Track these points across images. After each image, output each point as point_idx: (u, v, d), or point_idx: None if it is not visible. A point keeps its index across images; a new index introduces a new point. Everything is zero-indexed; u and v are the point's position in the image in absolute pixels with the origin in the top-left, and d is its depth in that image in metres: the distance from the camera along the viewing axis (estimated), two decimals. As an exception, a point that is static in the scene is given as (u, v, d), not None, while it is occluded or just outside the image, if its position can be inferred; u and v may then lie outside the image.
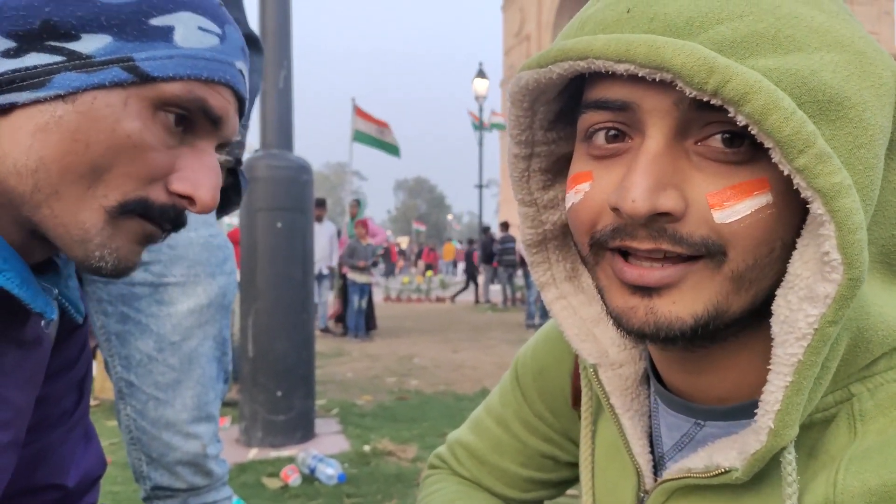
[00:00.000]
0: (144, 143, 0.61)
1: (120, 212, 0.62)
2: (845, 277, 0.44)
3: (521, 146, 0.61)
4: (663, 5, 0.47)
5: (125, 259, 0.65)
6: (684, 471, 0.56)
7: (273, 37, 3.50)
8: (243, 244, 3.52)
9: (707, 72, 0.43)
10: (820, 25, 0.47)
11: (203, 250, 1.39)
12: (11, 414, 0.68)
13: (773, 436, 0.48)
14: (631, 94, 0.49)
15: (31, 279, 0.63)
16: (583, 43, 0.48)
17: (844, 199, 0.43)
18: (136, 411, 1.37)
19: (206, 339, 1.39)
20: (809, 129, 0.43)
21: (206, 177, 0.65)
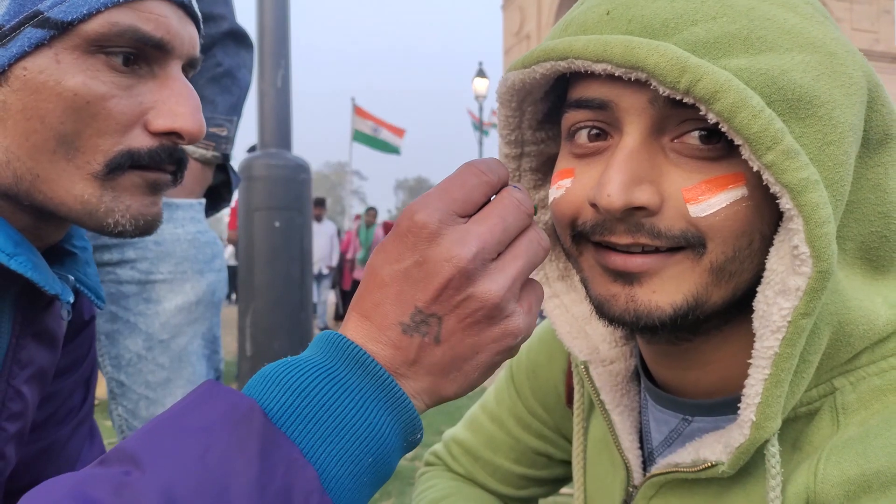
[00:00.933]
0: (95, 94, 0.57)
1: (108, 172, 0.59)
2: (814, 270, 0.45)
3: (511, 146, 0.62)
4: (641, 7, 0.49)
5: (141, 214, 0.62)
6: (672, 465, 0.57)
7: (271, 35, 3.50)
8: (240, 243, 3.52)
9: (679, 71, 0.45)
10: (793, 27, 0.48)
11: (190, 247, 1.37)
12: (22, 406, 0.69)
13: (755, 429, 0.49)
14: (609, 92, 0.50)
15: (44, 264, 0.62)
16: (564, 44, 0.50)
17: (811, 193, 0.44)
18: (127, 411, 1.37)
19: (195, 337, 1.39)
20: (777, 127, 0.44)
21: (180, 104, 0.61)
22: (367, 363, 0.44)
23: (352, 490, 0.42)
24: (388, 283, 0.45)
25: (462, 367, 0.46)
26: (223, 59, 1.45)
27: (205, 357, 1.42)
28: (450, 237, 0.44)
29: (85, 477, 0.38)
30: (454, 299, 0.44)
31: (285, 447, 0.40)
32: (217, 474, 0.38)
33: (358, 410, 0.43)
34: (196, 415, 0.40)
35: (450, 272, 0.43)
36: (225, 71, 1.45)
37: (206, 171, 1.42)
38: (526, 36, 24.33)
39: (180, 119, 0.61)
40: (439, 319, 0.44)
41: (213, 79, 1.43)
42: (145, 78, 0.61)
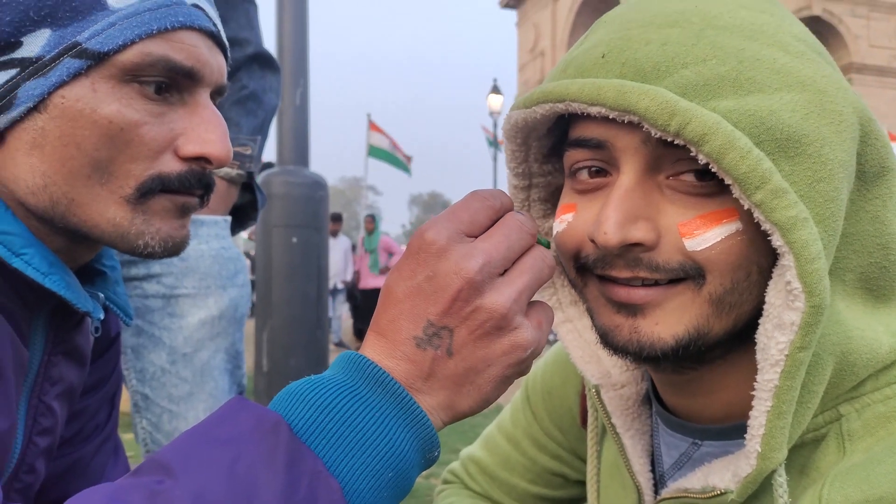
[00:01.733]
0: (129, 121, 0.60)
1: (140, 196, 0.62)
2: (807, 305, 0.47)
3: (518, 178, 0.65)
4: (634, 51, 0.51)
5: (170, 237, 0.65)
6: (681, 490, 0.59)
7: (290, 54, 3.55)
8: (258, 260, 3.56)
9: (669, 114, 0.47)
10: (782, 66, 0.50)
11: (214, 263, 1.40)
12: (52, 422, 0.71)
13: (761, 459, 0.51)
14: (605, 133, 0.52)
15: (76, 283, 0.65)
16: (561, 87, 0.52)
17: (801, 231, 0.46)
18: (151, 424, 1.39)
19: (217, 352, 1.41)
20: (765, 167, 0.46)
21: (209, 131, 0.64)
22: (386, 381, 0.46)
23: (372, 502, 0.44)
24: (402, 299, 0.47)
25: (475, 381, 0.48)
26: (248, 83, 1.48)
27: (227, 371, 1.44)
28: (457, 252, 0.47)
29: (121, 486, 0.41)
30: (464, 311, 0.46)
31: (310, 460, 0.42)
32: (245, 484, 0.40)
33: (378, 427, 0.45)
34: (225, 427, 0.43)
35: (459, 284, 0.46)
36: (249, 94, 1.48)
37: (231, 189, 1.45)
38: (540, 53, 24.39)
39: (209, 145, 0.63)
40: (451, 332, 0.47)
41: (237, 101, 1.47)
42: (176, 105, 0.63)
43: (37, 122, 0.59)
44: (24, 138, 0.59)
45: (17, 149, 0.60)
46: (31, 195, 0.60)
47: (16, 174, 0.60)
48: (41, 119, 0.59)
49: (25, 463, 0.69)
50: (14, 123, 0.59)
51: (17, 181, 0.60)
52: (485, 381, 0.48)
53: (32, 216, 0.62)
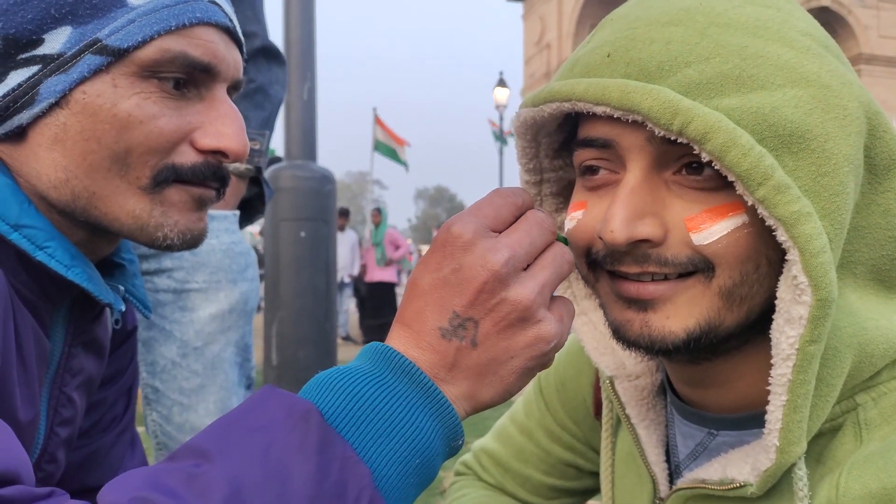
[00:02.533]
0: (148, 114, 0.61)
1: (154, 185, 0.63)
2: (814, 299, 0.47)
3: (530, 173, 0.66)
4: (638, 51, 0.52)
5: (188, 229, 0.66)
6: (698, 481, 0.59)
7: (297, 49, 3.55)
8: (267, 254, 3.57)
9: (672, 114, 0.48)
10: (786, 63, 0.50)
11: (225, 257, 1.41)
12: (72, 413, 0.73)
13: (780, 453, 0.51)
14: (610, 132, 0.53)
15: (97, 275, 0.66)
16: (567, 86, 0.53)
17: (804, 225, 0.47)
18: (161, 416, 1.41)
19: (228, 345, 1.42)
20: (767, 163, 0.47)
21: (225, 125, 0.65)
22: (412, 370, 0.47)
23: (399, 489, 0.45)
24: (428, 291, 0.49)
25: (498, 372, 0.49)
26: (255, 76, 1.49)
27: (237, 364, 1.45)
28: (483, 245, 0.48)
29: (159, 469, 0.42)
30: (489, 303, 0.47)
31: (340, 446, 0.43)
32: (279, 468, 0.41)
33: (405, 415, 0.46)
34: (258, 415, 0.44)
35: (484, 276, 0.47)
36: (257, 87, 1.49)
37: (240, 183, 1.47)
38: (546, 45, 24.31)
39: (226, 139, 0.64)
40: (476, 323, 0.48)
41: (245, 95, 1.47)
42: (193, 100, 0.64)
43: (58, 118, 0.60)
44: (46, 134, 0.61)
45: (40, 144, 0.61)
46: (52, 189, 0.62)
47: (38, 169, 0.61)
48: (63, 115, 0.60)
49: (47, 453, 0.70)
50: (36, 119, 0.60)
51: (39, 176, 0.62)
52: (508, 373, 0.49)
53: (54, 210, 0.64)
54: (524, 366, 0.49)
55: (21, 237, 0.60)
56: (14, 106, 0.60)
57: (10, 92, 0.59)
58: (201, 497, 0.39)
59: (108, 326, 0.77)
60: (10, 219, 0.60)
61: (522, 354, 0.49)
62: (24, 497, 0.43)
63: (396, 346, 0.49)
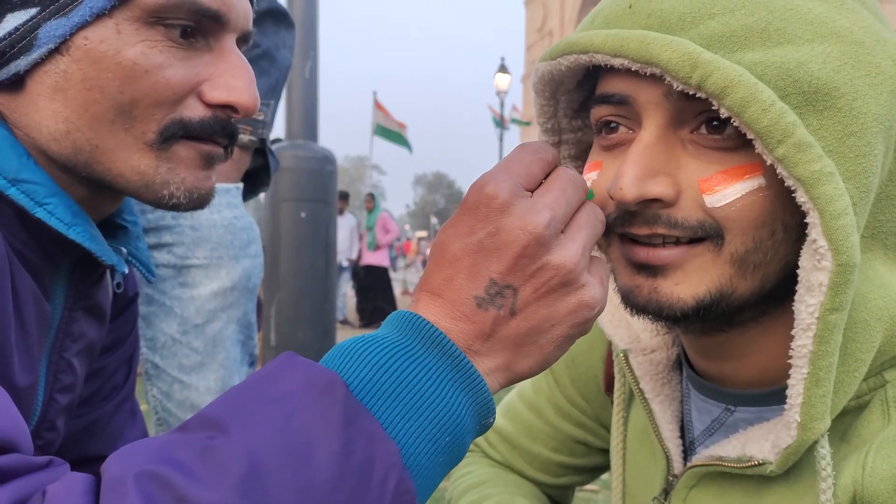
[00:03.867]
0: (154, 63, 0.58)
1: (162, 140, 0.60)
2: (834, 263, 0.45)
3: (548, 133, 0.64)
4: (660, 1, 0.50)
5: (195, 188, 0.63)
6: (715, 458, 0.57)
7: (299, 27, 3.49)
8: (266, 234, 3.55)
9: (691, 66, 0.46)
10: (816, 17, 0.48)
11: (227, 232, 1.38)
12: (72, 379, 0.70)
13: (802, 430, 0.49)
14: (627, 87, 0.51)
15: (99, 235, 0.64)
16: (585, 38, 0.51)
17: (825, 185, 0.45)
18: (162, 393, 1.39)
19: (229, 323, 1.40)
20: (788, 120, 0.45)
21: (235, 77, 0.62)
22: (443, 342, 0.44)
23: (428, 469, 0.43)
24: (460, 257, 0.45)
25: (537, 341, 0.46)
26: (261, 41, 1.43)
27: (239, 342, 1.44)
28: (521, 206, 0.45)
29: (169, 440, 0.39)
30: (529, 268, 0.44)
31: (366, 420, 0.40)
32: (300, 441, 0.39)
33: (436, 389, 0.43)
34: (277, 383, 0.41)
35: (525, 240, 0.44)
36: (263, 52, 1.44)
37: (243, 155, 1.43)
38: (548, 32, 24.22)
39: (236, 92, 0.61)
40: (514, 290, 0.44)
41: (250, 60, 1.43)
42: (201, 51, 0.61)
43: (59, 65, 0.57)
44: (45, 82, 0.57)
45: (39, 93, 0.58)
46: (53, 142, 0.59)
47: (38, 120, 0.58)
48: (63, 62, 0.57)
49: (47, 420, 0.68)
50: (35, 66, 0.57)
51: (38, 128, 0.58)
52: (547, 342, 0.46)
53: (55, 165, 0.60)
54: (566, 334, 0.46)
55: (20, 193, 0.57)
56: (11, 51, 0.56)
57: (7, 36, 0.56)
58: (216, 473, 0.37)
59: (109, 290, 0.75)
60: (9, 173, 0.57)
61: (565, 322, 0.46)
62: (21, 466, 0.40)
63: (426, 315, 0.45)
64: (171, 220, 1.35)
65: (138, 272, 0.76)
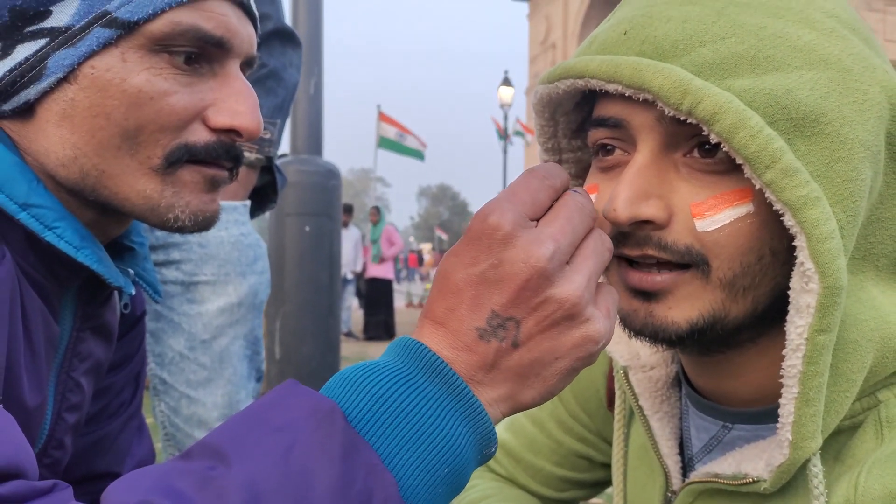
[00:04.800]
0: (158, 90, 0.59)
1: (167, 166, 0.61)
2: (821, 286, 0.46)
3: (549, 153, 0.65)
4: (654, 28, 0.51)
5: (200, 211, 0.64)
6: (711, 475, 0.58)
7: (304, 44, 3.51)
8: (271, 248, 3.57)
9: (682, 93, 0.47)
10: (805, 44, 0.49)
11: (234, 249, 1.40)
12: (80, 398, 0.72)
13: (793, 448, 0.50)
14: (622, 111, 0.53)
15: (107, 257, 0.65)
16: (581, 63, 0.52)
17: (812, 210, 0.45)
18: (169, 408, 1.40)
19: (236, 339, 1.41)
20: (776, 146, 0.46)
21: (239, 102, 0.63)
22: (445, 371, 0.44)
23: (426, 499, 0.42)
24: (463, 287, 0.44)
25: (541, 373, 0.45)
26: (268, 60, 1.46)
27: (246, 358, 1.45)
28: (525, 238, 0.44)
29: (170, 469, 0.39)
30: (532, 301, 0.44)
31: (365, 451, 0.40)
32: (300, 473, 0.39)
33: (435, 420, 0.42)
34: (279, 412, 0.41)
35: (528, 273, 0.43)
36: (270, 72, 1.47)
37: (250, 173, 1.45)
38: (552, 45, 24.28)
39: (239, 117, 0.62)
40: (517, 323, 0.44)
41: (257, 80, 1.45)
42: (206, 76, 0.62)
43: (66, 93, 0.59)
44: (54, 109, 0.59)
45: (48, 120, 0.60)
46: (61, 167, 0.60)
47: (46, 146, 0.60)
48: (71, 90, 0.59)
49: (55, 438, 0.69)
50: (44, 94, 0.59)
51: (47, 154, 0.60)
52: (551, 374, 0.46)
53: (63, 189, 0.62)
54: (569, 367, 0.46)
55: (30, 217, 0.58)
56: (21, 81, 0.58)
57: (18, 66, 0.58)
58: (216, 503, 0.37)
59: (116, 311, 0.77)
60: (19, 198, 0.58)
61: (569, 355, 0.45)
62: (25, 492, 0.41)
63: (429, 343, 0.45)
64: (179, 237, 1.37)
65: (145, 293, 0.77)
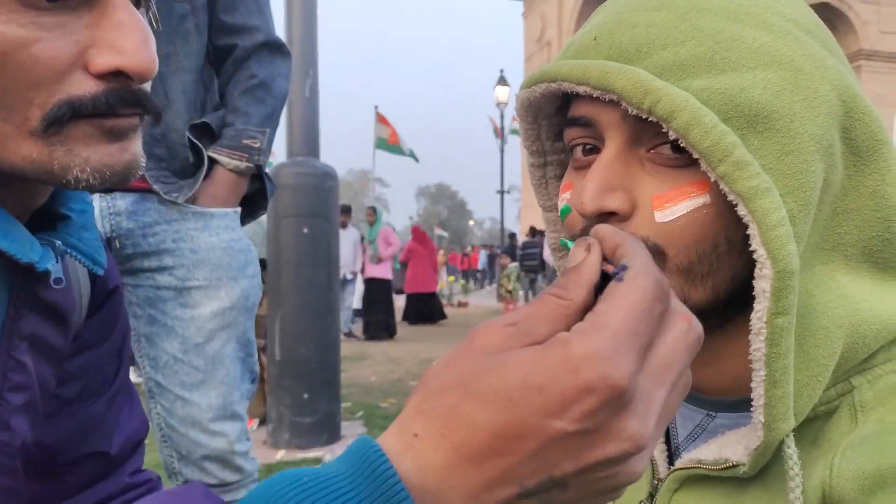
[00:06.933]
0: (14, 41, 0.48)
1: (49, 127, 0.51)
2: (773, 271, 0.48)
3: (534, 156, 0.68)
4: (621, 34, 0.55)
5: (105, 166, 0.54)
6: (695, 461, 0.60)
7: (299, 46, 3.56)
8: (269, 250, 3.59)
9: (642, 93, 0.50)
10: (760, 46, 0.52)
11: (225, 254, 1.43)
12: (25, 378, 0.66)
13: (766, 430, 0.52)
14: (591, 111, 0.56)
15: (18, 230, 0.57)
16: (555, 67, 0.55)
17: (761, 200, 0.48)
18: (165, 410, 1.43)
19: (229, 341, 1.44)
20: (728, 141, 0.48)
21: (122, 38, 0.51)
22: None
23: None
24: (531, 436, 0.34)
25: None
26: (257, 71, 1.50)
27: (240, 359, 1.47)
28: (636, 407, 0.35)
29: None
30: (597, 475, 0.35)
31: None
32: None
33: None
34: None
35: (618, 452, 0.35)
36: (259, 83, 1.50)
37: (240, 181, 1.48)
38: (547, 43, 24.31)
39: (124, 56, 0.51)
40: (565, 488, 0.36)
41: (246, 91, 1.48)
42: (80, 10, 0.50)
43: None
44: None
45: None
46: None
47: None
48: None
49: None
50: None
51: None
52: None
53: None
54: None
55: None
56: None
57: None
58: None
59: (71, 290, 0.69)
60: None
61: None
62: None
63: (432, 480, 0.34)
64: (171, 243, 1.40)
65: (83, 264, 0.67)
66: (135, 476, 0.87)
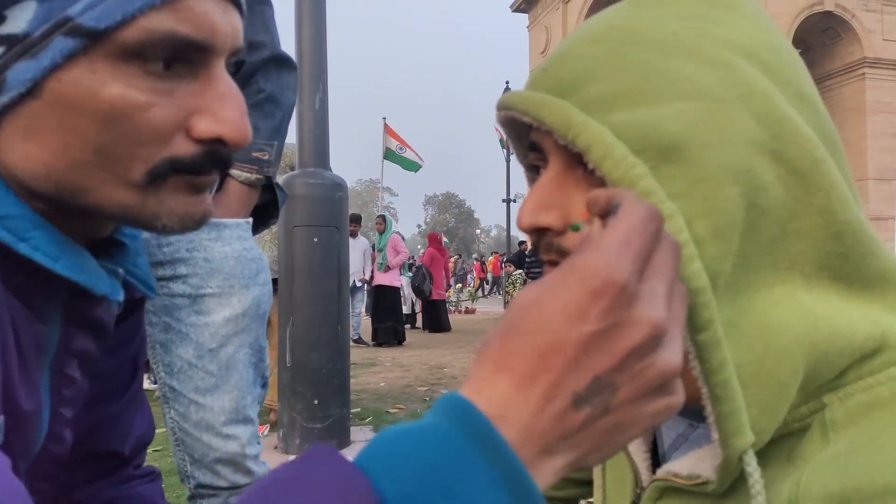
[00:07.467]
0: (134, 105, 0.53)
1: (150, 181, 0.56)
2: None
3: (528, 169, 0.71)
4: (562, 67, 0.58)
5: (188, 215, 0.60)
6: (671, 473, 0.61)
7: (309, 59, 3.60)
8: (281, 259, 3.63)
9: (566, 127, 0.54)
10: (682, 77, 0.54)
11: (237, 263, 1.47)
12: (75, 392, 0.70)
13: (722, 447, 0.52)
14: (537, 137, 0.60)
15: (91, 264, 0.61)
16: (510, 97, 0.59)
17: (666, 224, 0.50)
18: (179, 415, 1.45)
19: (242, 347, 1.48)
20: (635, 173, 0.52)
21: (224, 108, 0.57)
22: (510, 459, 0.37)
23: None
24: (575, 345, 0.38)
25: (616, 438, 0.41)
26: (265, 86, 1.54)
27: (252, 365, 1.51)
28: (645, 297, 0.40)
29: None
30: (636, 367, 0.39)
31: None
32: None
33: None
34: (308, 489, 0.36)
35: (642, 337, 0.39)
36: (267, 97, 1.54)
37: (251, 193, 1.52)
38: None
39: (225, 126, 0.57)
40: (615, 390, 0.39)
41: (255, 105, 1.52)
42: (186, 78, 0.56)
43: (31, 108, 0.53)
44: (18, 124, 0.53)
45: (13, 134, 0.54)
46: (33, 181, 0.55)
47: (14, 161, 0.54)
48: (35, 105, 0.52)
49: (53, 434, 0.68)
50: (6, 109, 0.53)
51: (17, 167, 0.55)
52: (624, 438, 0.41)
53: (38, 198, 0.57)
54: (640, 431, 0.41)
55: (1, 229, 0.54)
56: None
57: None
58: None
59: (112, 306, 0.73)
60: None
61: (646, 422, 0.41)
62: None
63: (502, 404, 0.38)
64: (185, 252, 1.44)
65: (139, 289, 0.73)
66: (137, 469, 0.92)
